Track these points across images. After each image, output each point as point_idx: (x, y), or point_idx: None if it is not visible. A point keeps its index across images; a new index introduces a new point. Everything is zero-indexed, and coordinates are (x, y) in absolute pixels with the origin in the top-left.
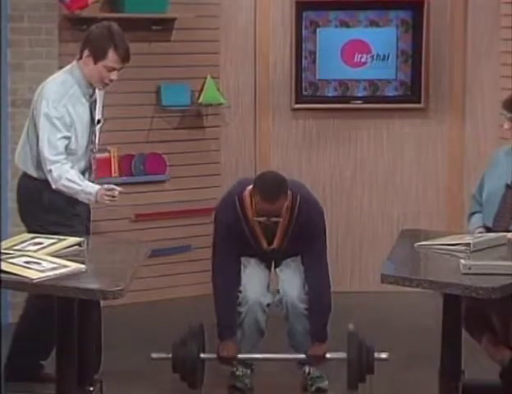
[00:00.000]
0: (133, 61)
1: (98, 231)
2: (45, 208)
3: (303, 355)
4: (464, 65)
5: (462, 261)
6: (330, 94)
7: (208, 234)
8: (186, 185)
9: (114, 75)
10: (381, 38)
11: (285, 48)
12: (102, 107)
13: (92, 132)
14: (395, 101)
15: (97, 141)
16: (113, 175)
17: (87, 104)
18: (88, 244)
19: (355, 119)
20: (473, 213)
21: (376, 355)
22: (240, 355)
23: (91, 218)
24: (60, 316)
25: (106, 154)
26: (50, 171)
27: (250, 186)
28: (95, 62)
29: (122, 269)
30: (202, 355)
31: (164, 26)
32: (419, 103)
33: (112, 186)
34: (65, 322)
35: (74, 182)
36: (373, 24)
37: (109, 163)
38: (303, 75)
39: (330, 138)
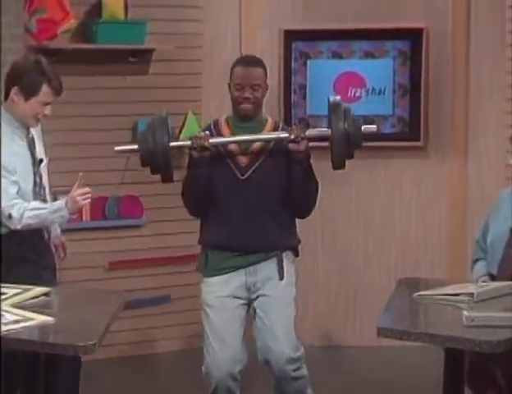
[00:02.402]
0: (108, 96)
1: (68, 280)
2: (16, 263)
3: (285, 134)
4: (467, 99)
5: (465, 312)
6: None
7: (190, 283)
8: (165, 230)
9: (48, 110)
10: (377, 70)
11: (272, 82)
12: (44, 145)
13: (36, 173)
14: (393, 139)
15: (44, 183)
16: (84, 219)
17: (25, 145)
18: (56, 294)
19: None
20: (477, 260)
21: (363, 128)
22: (211, 140)
23: (60, 267)
24: (25, 373)
25: (73, 216)
26: (10, 216)
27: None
28: (26, 99)
29: (95, 322)
30: (171, 144)
31: (141, 58)
32: (418, 140)
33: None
34: (30, 380)
35: (38, 209)
36: (368, 55)
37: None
38: (292, 111)
39: (322, 178)
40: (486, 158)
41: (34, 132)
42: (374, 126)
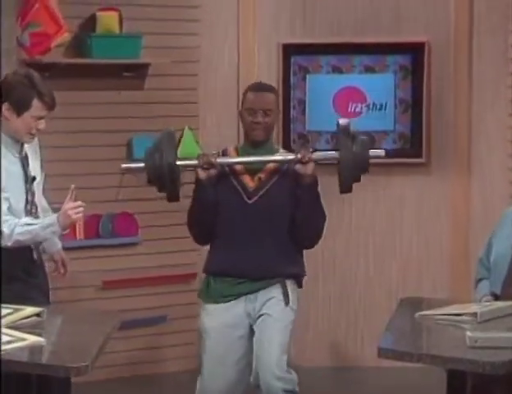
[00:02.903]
0: (102, 112)
1: (62, 300)
2: (4, 281)
3: (291, 157)
4: (469, 115)
5: (468, 333)
6: (321, 147)
7: (187, 303)
8: (161, 248)
9: (42, 124)
10: (378, 85)
11: None
12: (41, 160)
13: (28, 191)
14: (394, 155)
15: (37, 201)
16: (78, 237)
17: (18, 162)
18: (48, 314)
19: None
20: (480, 280)
21: (371, 152)
22: (218, 160)
23: (52, 286)
24: None
25: (64, 232)
26: (0, 232)
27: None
28: (19, 114)
29: (88, 343)
30: (178, 162)
31: (137, 73)
32: (420, 157)
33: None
34: None
35: (29, 225)
36: (369, 70)
37: (73, 225)
38: (291, 126)
39: (322, 195)
40: (489, 175)
41: (29, 149)
42: (382, 151)
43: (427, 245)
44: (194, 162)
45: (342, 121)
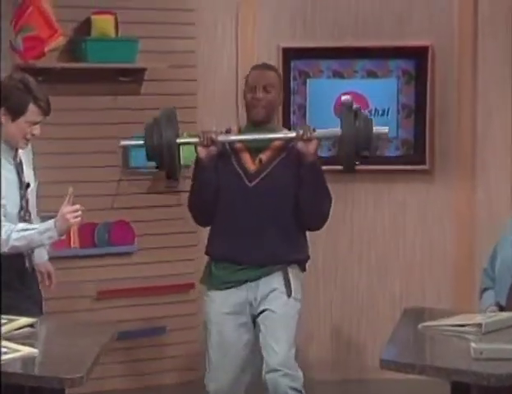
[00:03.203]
0: (97, 118)
1: (56, 310)
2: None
3: (293, 134)
4: (474, 120)
5: (472, 344)
6: (322, 154)
7: (185, 314)
8: (158, 257)
9: (37, 130)
10: (380, 90)
11: None
12: (34, 168)
13: (23, 197)
14: (396, 162)
15: (31, 207)
16: (73, 246)
17: (13, 168)
18: (42, 325)
19: (351, 182)
20: (485, 290)
21: (375, 129)
22: (219, 137)
23: (45, 297)
24: None
25: (61, 237)
26: None
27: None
28: (14, 119)
29: (82, 354)
30: (178, 140)
31: (133, 77)
32: (424, 164)
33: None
34: None
35: (25, 230)
36: (371, 74)
37: (68, 233)
38: (292, 118)
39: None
40: (494, 182)
41: (23, 155)
42: (386, 127)
43: (430, 253)
44: (195, 139)
45: (345, 98)
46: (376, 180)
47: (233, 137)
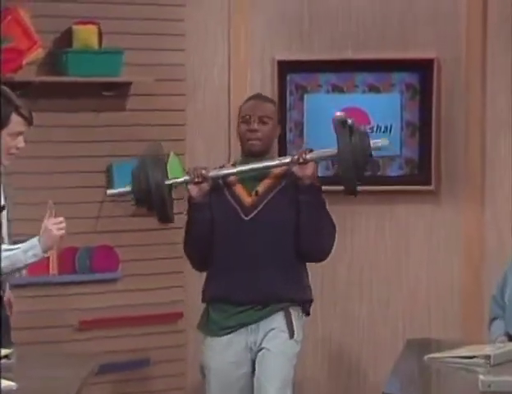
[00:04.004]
0: (79, 135)
1: (34, 341)
2: None
3: (287, 159)
4: (483, 138)
5: (481, 377)
6: (319, 174)
7: (172, 345)
8: (143, 285)
9: (21, 142)
10: (382, 106)
11: None
12: (4, 190)
13: None
14: (400, 182)
15: (4, 233)
16: (51, 272)
17: None
18: (21, 357)
19: (351, 204)
20: (494, 319)
21: (372, 143)
22: (211, 173)
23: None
24: None
25: (45, 255)
26: None
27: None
28: None
29: (63, 388)
30: (167, 182)
31: (117, 92)
32: (429, 184)
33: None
34: None
35: (9, 250)
36: (372, 89)
37: (46, 259)
38: (287, 151)
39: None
40: (504, 204)
41: None
42: (385, 139)
43: (436, 280)
44: (185, 178)
45: (338, 115)
46: (377, 201)
47: (225, 171)
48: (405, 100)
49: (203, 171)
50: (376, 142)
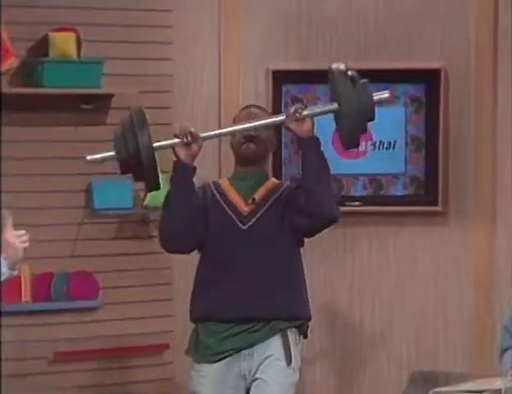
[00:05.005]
0: (55, 151)
1: (6, 373)
2: None
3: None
4: (494, 154)
5: None
6: None
7: (158, 379)
8: (126, 313)
9: None
10: (386, 120)
11: None
12: None
13: None
14: (405, 202)
15: None
16: (24, 300)
17: None
18: None
19: (352, 226)
20: (506, 350)
21: (375, 96)
22: (203, 134)
23: None
24: None
25: (14, 272)
26: None
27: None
28: None
29: None
30: (156, 144)
31: (97, 105)
32: (436, 204)
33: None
34: None
35: None
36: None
37: (18, 285)
38: (283, 169)
39: (320, 249)
40: None
41: None
42: (386, 92)
43: (443, 307)
44: (174, 140)
45: (337, 65)
46: (380, 223)
47: (217, 131)
48: (410, 113)
49: (193, 129)
50: (379, 94)
